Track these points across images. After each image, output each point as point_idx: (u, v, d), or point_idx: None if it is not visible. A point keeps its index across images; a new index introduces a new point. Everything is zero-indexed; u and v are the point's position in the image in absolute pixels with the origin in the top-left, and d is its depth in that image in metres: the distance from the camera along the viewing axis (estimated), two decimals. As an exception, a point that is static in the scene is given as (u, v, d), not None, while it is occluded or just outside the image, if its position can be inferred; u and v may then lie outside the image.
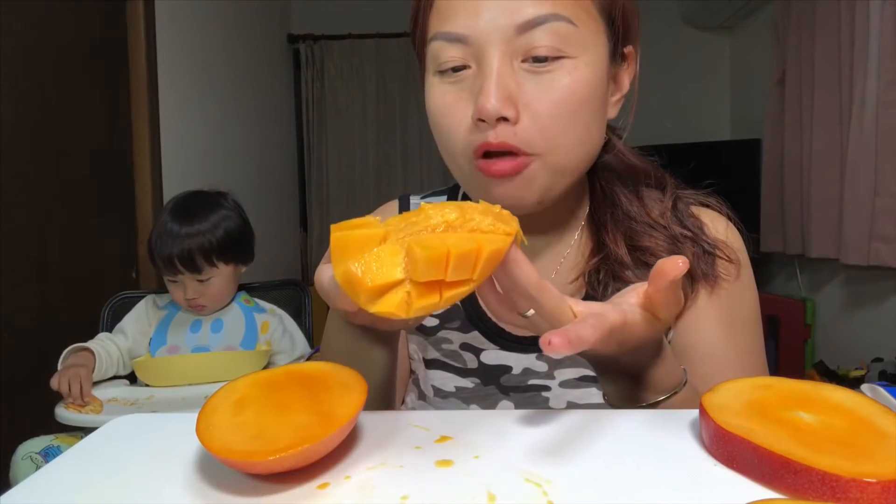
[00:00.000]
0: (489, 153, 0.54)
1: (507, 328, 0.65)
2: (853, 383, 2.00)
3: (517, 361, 0.64)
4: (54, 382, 1.18)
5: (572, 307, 0.40)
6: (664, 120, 3.26)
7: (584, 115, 0.55)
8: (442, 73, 0.56)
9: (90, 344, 1.29)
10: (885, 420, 0.35)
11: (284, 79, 3.62)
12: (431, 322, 0.68)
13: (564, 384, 0.63)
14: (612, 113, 0.61)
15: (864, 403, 0.37)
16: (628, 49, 0.60)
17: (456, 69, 0.55)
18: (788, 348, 2.68)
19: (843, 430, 0.34)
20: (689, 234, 0.62)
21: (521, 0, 0.52)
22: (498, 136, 0.53)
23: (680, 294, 0.42)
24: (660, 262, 0.40)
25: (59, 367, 1.24)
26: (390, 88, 3.72)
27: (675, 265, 0.39)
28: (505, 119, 0.52)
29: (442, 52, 0.55)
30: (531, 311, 0.41)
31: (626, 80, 0.62)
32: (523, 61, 0.53)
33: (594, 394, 0.62)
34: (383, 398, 0.54)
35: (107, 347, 1.30)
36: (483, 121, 0.52)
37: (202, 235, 1.30)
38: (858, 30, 2.16)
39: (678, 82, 3.51)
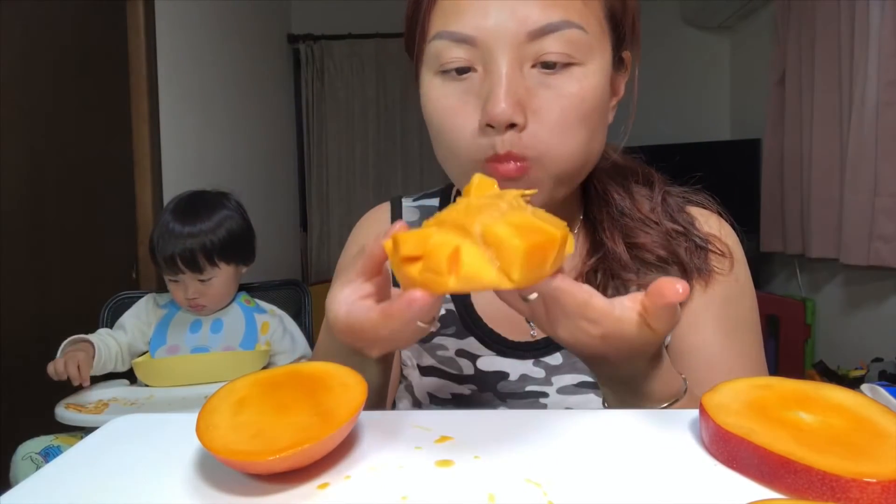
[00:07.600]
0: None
1: (504, 334, 0.64)
2: (853, 383, 2.00)
3: (514, 368, 0.63)
4: (51, 368, 1.18)
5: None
6: (664, 120, 3.26)
7: (590, 123, 0.54)
8: (444, 73, 0.54)
9: (90, 336, 1.29)
10: (885, 420, 0.35)
11: (284, 79, 3.62)
12: None
13: (562, 390, 0.62)
14: (609, 118, 0.60)
15: (864, 403, 0.37)
16: (626, 54, 0.60)
17: (460, 71, 0.53)
18: (788, 348, 2.68)
19: (843, 430, 0.34)
20: (680, 229, 0.62)
21: (531, 3, 0.50)
22: (504, 144, 0.52)
23: (678, 312, 0.41)
24: (660, 280, 0.39)
25: (59, 356, 1.24)
26: (390, 88, 3.71)
27: (673, 290, 0.38)
28: (513, 125, 0.51)
29: (445, 52, 0.53)
30: (534, 295, 0.42)
31: (621, 85, 0.61)
32: (532, 67, 0.52)
33: (593, 400, 0.62)
34: (373, 408, 0.54)
35: (106, 342, 1.30)
36: (491, 126, 0.51)
37: (204, 235, 1.30)
38: (858, 30, 2.16)
39: (678, 82, 3.50)
